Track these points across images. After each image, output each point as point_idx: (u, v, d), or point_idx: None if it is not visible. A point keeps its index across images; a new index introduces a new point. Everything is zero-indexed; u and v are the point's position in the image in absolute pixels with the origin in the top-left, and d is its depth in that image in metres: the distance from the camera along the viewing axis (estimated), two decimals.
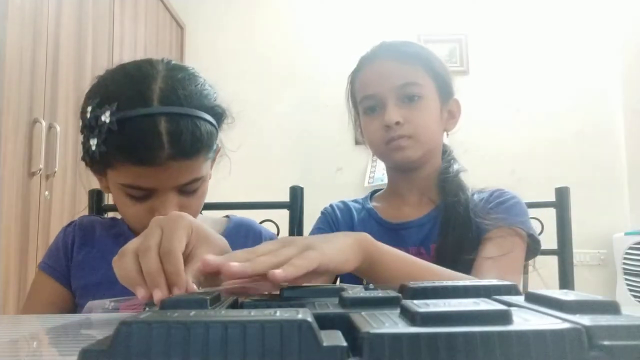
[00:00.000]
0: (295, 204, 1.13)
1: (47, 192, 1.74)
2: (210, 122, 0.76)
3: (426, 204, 0.94)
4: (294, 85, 3.17)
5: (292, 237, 0.53)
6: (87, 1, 2.06)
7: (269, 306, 0.39)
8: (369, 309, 0.32)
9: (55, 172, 1.75)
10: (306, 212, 1.14)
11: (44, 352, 0.38)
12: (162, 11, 2.86)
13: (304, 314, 0.26)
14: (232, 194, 1.12)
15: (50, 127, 1.73)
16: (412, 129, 0.88)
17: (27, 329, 0.49)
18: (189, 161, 0.74)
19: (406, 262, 0.63)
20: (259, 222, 1.02)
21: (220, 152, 0.87)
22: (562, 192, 1.10)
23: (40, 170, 1.69)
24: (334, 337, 0.25)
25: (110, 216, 1.01)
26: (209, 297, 0.36)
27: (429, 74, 0.91)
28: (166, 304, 0.35)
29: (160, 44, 2.81)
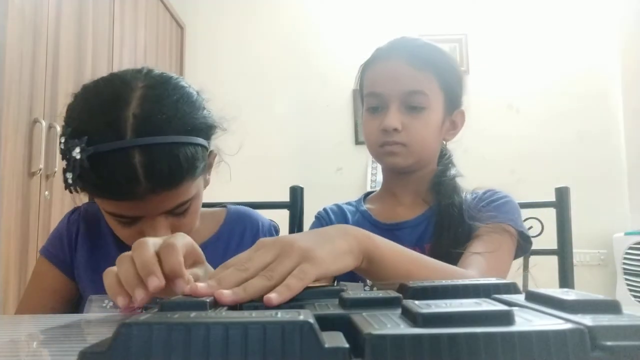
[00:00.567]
0: (295, 204, 1.13)
1: (47, 192, 1.73)
2: (193, 144, 0.71)
3: (420, 204, 0.94)
4: (294, 85, 3.16)
5: (289, 238, 0.51)
6: (87, 1, 2.06)
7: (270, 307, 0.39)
8: (370, 309, 0.32)
9: (55, 172, 1.75)
10: (306, 212, 1.14)
11: (43, 353, 0.38)
12: (162, 11, 2.86)
13: (306, 315, 0.25)
14: (232, 194, 1.12)
15: (50, 127, 1.73)
16: (408, 138, 0.88)
17: (27, 329, 0.49)
18: (171, 191, 0.70)
19: (406, 258, 0.63)
20: None
21: (217, 157, 0.84)
22: (562, 192, 1.09)
23: (40, 170, 1.68)
24: (335, 339, 0.25)
25: None
26: (208, 300, 0.36)
27: (440, 84, 0.90)
28: (166, 306, 0.35)
29: (160, 44, 2.81)
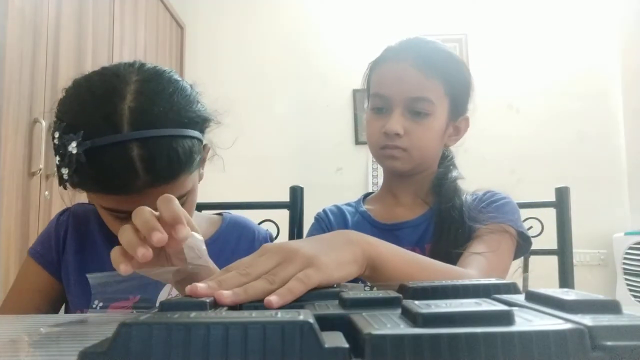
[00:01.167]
0: (295, 204, 1.13)
1: (47, 192, 1.73)
2: (190, 137, 0.71)
3: (420, 205, 0.94)
4: (294, 85, 3.16)
5: (293, 245, 0.50)
6: (87, 1, 2.06)
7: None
8: (370, 309, 0.32)
9: (55, 172, 1.75)
10: (306, 212, 1.14)
11: (43, 353, 0.38)
12: (162, 11, 2.86)
13: (306, 315, 0.25)
14: (232, 194, 1.12)
15: (50, 127, 1.73)
16: (409, 143, 0.88)
17: (26, 330, 0.49)
18: (169, 185, 0.69)
19: (408, 262, 0.62)
20: (258, 222, 1.02)
21: (210, 152, 0.83)
22: (562, 192, 1.09)
23: (40, 170, 1.68)
24: (335, 339, 0.25)
25: None
26: (208, 300, 0.36)
27: (446, 91, 0.90)
28: (166, 306, 0.35)
29: (160, 44, 2.81)
